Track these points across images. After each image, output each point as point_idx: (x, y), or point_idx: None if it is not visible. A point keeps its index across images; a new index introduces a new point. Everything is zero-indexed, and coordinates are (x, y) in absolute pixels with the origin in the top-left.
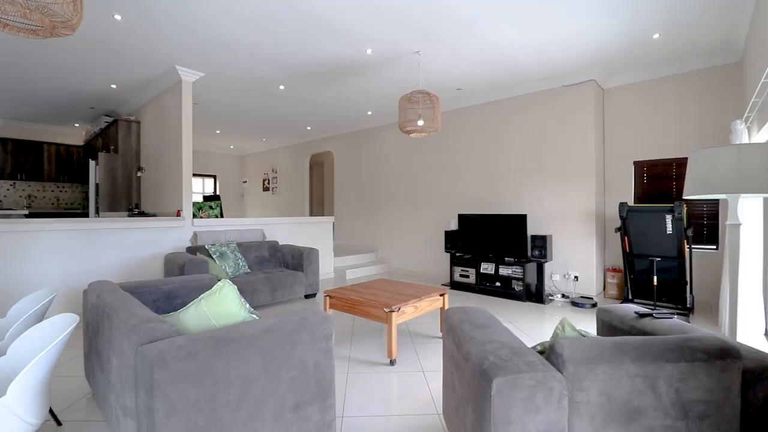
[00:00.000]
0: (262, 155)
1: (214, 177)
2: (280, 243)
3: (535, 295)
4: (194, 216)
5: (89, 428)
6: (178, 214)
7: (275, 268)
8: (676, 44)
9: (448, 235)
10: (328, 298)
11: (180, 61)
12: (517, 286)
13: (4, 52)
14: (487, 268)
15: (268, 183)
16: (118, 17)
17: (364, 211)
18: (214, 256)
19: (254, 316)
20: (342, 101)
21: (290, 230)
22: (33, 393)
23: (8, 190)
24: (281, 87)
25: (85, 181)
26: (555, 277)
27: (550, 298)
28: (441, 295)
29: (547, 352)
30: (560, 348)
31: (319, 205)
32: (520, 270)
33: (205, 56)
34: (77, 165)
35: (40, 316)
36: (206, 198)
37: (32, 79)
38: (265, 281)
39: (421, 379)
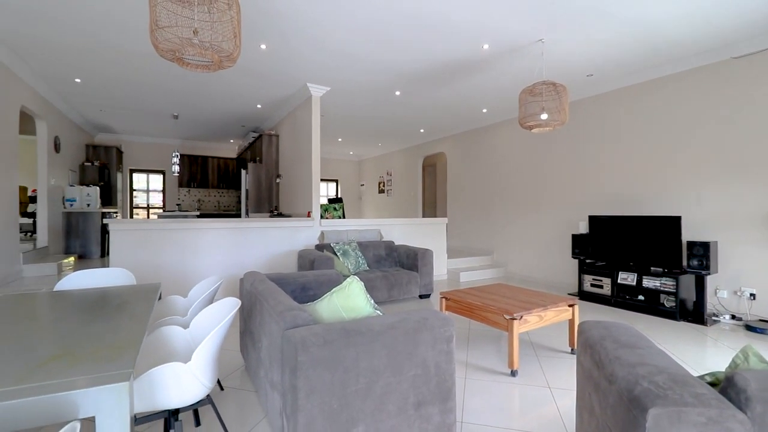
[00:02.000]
0: (378, 159)
1: (336, 181)
2: (396, 243)
3: (693, 313)
4: (321, 217)
5: (242, 395)
6: (309, 215)
7: (391, 267)
8: None
9: (577, 239)
10: (444, 299)
11: (310, 79)
12: (668, 302)
13: (181, 90)
14: (627, 278)
15: (383, 186)
16: (263, 47)
17: (478, 213)
18: (338, 254)
19: (378, 312)
20: (456, 101)
21: (404, 231)
22: (208, 361)
23: (185, 195)
24: (397, 93)
25: (238, 188)
26: (721, 293)
27: (713, 318)
28: (570, 305)
29: (723, 385)
30: (743, 382)
31: (431, 207)
32: (671, 282)
33: (330, 71)
34: (232, 174)
35: (211, 298)
36: (330, 200)
37: (201, 106)
38: (382, 279)
39: (547, 395)
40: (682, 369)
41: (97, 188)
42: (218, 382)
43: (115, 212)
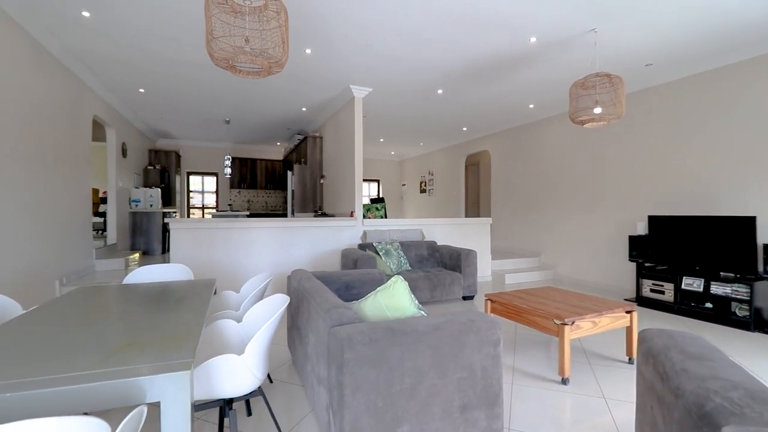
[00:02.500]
0: (419, 159)
1: (378, 181)
2: (438, 243)
3: None
4: (364, 216)
5: (290, 389)
6: (352, 215)
7: (433, 268)
8: None
9: (634, 240)
10: (489, 302)
11: (353, 80)
12: (740, 311)
13: (233, 97)
14: (692, 283)
15: (425, 185)
16: (308, 51)
17: (525, 212)
18: (380, 253)
19: (422, 312)
20: (501, 97)
21: (447, 231)
22: (260, 354)
23: (236, 196)
24: (439, 91)
25: (284, 188)
26: None
27: None
28: (627, 312)
29: None
30: None
31: (474, 206)
32: (744, 289)
33: (372, 72)
34: (279, 176)
35: (261, 294)
36: (373, 200)
37: (250, 111)
38: (424, 279)
39: (602, 406)
40: (760, 384)
41: (159, 190)
42: (268, 375)
43: (174, 212)
